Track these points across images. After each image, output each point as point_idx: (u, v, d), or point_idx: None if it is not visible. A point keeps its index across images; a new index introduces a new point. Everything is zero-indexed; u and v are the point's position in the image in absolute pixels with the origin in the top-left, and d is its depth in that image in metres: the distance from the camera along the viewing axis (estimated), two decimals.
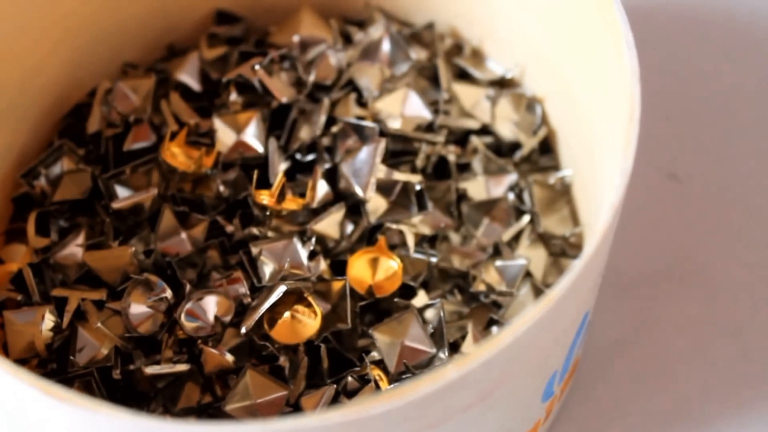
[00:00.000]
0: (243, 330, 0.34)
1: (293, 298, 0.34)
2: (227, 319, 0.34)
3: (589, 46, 0.34)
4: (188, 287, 0.35)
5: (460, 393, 0.26)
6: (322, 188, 0.37)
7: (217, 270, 0.36)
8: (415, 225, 0.37)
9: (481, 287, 0.36)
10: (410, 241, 0.36)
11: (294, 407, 0.33)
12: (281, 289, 0.33)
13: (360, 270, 0.36)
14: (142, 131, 0.39)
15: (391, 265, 0.36)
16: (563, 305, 0.27)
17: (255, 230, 0.36)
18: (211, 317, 0.34)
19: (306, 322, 0.34)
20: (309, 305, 0.34)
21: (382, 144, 0.36)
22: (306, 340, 0.34)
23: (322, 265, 0.35)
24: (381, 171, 0.37)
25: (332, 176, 0.37)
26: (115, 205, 0.36)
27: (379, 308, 0.36)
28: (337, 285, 0.35)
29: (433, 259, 0.36)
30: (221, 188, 0.37)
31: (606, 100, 0.32)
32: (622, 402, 0.39)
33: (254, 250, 0.35)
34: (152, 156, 0.38)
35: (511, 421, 0.32)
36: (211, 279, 0.35)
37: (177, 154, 0.37)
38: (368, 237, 0.37)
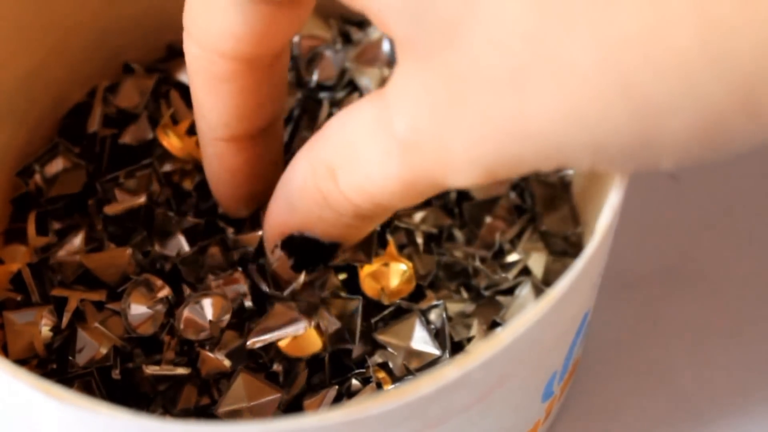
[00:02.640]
0: (248, 343, 0.33)
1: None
2: (225, 320, 0.33)
3: None
4: (188, 289, 0.34)
5: (459, 393, 0.26)
6: None
7: (218, 270, 0.35)
8: (418, 224, 0.37)
9: (484, 283, 0.36)
10: (420, 239, 0.36)
11: (294, 409, 0.33)
12: (301, 325, 0.33)
13: (373, 279, 0.35)
14: (140, 129, 0.38)
15: (402, 269, 0.35)
16: (563, 305, 0.27)
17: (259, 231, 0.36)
18: (209, 320, 0.33)
19: (311, 339, 0.33)
20: (317, 326, 0.33)
21: None
22: (310, 355, 0.33)
23: (333, 277, 0.35)
24: None
25: None
26: (109, 210, 0.36)
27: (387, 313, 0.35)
28: (348, 303, 0.34)
29: (443, 258, 0.36)
30: None
31: None
32: (623, 402, 0.39)
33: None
34: (149, 161, 0.37)
35: (511, 422, 0.32)
36: (209, 280, 0.35)
37: (175, 143, 0.37)
38: (377, 238, 0.37)
